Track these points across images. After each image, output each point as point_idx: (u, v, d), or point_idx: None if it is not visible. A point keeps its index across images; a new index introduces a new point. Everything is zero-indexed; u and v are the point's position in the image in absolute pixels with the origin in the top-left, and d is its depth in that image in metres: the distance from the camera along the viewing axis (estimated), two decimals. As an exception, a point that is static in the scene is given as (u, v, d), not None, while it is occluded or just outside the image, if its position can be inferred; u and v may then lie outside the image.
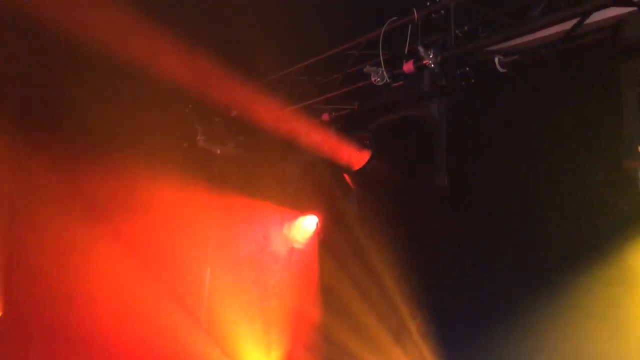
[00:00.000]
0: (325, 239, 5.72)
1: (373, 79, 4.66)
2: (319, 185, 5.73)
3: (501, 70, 4.18)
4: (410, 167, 4.19)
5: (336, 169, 5.65)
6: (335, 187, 5.71)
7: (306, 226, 5.84)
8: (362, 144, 4.23)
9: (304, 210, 5.88)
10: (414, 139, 4.27)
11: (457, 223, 4.42)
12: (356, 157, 4.22)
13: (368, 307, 4.86)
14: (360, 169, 4.08)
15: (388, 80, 4.47)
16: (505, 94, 4.42)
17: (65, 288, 5.52)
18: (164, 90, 6.11)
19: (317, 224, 5.84)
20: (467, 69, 4.33)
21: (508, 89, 4.36)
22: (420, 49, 4.28)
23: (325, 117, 5.90)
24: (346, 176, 4.24)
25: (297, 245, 5.84)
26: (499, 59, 4.22)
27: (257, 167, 6.72)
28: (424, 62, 4.29)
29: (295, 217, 5.87)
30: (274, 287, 5.82)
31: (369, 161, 4.01)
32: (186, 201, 6.49)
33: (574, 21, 3.42)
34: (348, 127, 4.74)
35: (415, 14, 4.17)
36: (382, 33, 4.27)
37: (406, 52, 4.54)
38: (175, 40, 4.98)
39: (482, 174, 4.36)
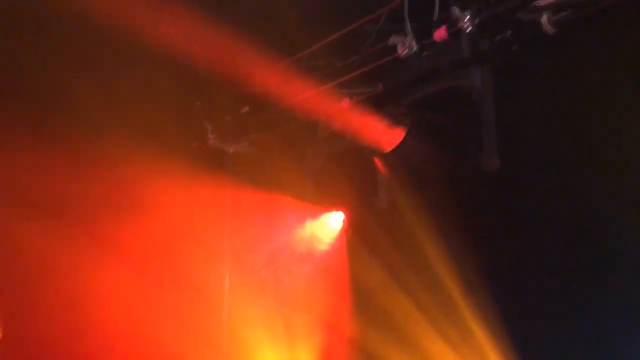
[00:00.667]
0: (354, 237, 5.06)
1: (400, 51, 4.10)
2: (343, 178, 5.10)
3: (550, 30, 3.58)
4: (453, 147, 3.55)
5: (363, 155, 5.07)
6: (362, 178, 5.09)
7: (331, 224, 5.19)
8: (395, 121, 3.59)
9: (327, 206, 5.24)
10: (456, 113, 3.64)
11: (513, 213, 3.74)
12: (388, 136, 3.58)
13: (415, 314, 4.18)
14: (393, 150, 3.43)
15: (417, 50, 3.89)
16: (558, 57, 3.78)
17: (62, 312, 4.87)
18: (170, 84, 5.66)
19: (343, 221, 5.19)
20: (510, 31, 3.74)
21: (561, 52, 3.73)
22: (455, 10, 3.68)
23: (346, 103, 5.33)
24: (376, 161, 3.57)
25: (322, 246, 5.17)
26: (547, 17, 3.62)
27: (273, 165, 6.17)
28: (459, 25, 3.71)
29: (319, 215, 5.22)
30: (299, 295, 5.15)
31: (403, 140, 3.36)
32: (197, 204, 5.92)
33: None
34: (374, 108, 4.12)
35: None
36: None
37: (436, 17, 4.00)
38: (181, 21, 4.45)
39: (540, 154, 3.71)
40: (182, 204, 5.80)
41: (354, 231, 5.05)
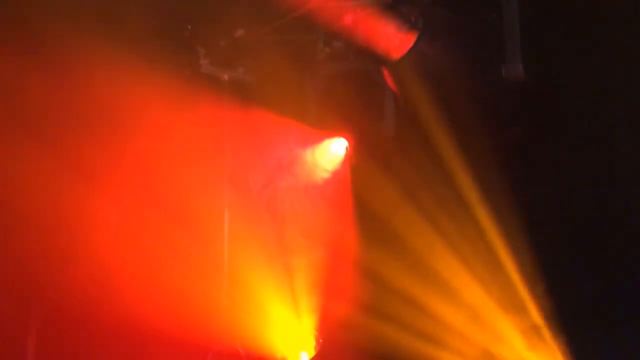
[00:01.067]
0: (358, 166, 4.68)
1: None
2: (346, 101, 4.66)
3: None
4: (471, 54, 3.08)
5: (368, 76, 4.61)
6: (367, 102, 4.66)
7: (334, 151, 4.81)
8: (406, 23, 3.11)
9: (329, 132, 4.83)
10: (475, 15, 3.15)
11: (542, 128, 3.29)
12: (397, 41, 3.11)
13: (427, 238, 3.80)
14: (404, 56, 2.96)
15: None
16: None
17: (45, 243, 4.48)
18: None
19: (346, 149, 4.79)
20: None
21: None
22: None
23: (349, 19, 4.82)
24: (385, 72, 3.11)
25: (323, 174, 4.81)
26: None
27: (272, 92, 5.73)
28: None
29: (320, 140, 4.82)
30: (300, 221, 4.83)
31: (415, 45, 2.90)
32: (194, 128, 5.47)
33: None
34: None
35: None
36: None
37: None
38: None
39: (571, 63, 3.23)
40: (178, 129, 5.38)
41: (358, 160, 4.66)
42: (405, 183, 4.09)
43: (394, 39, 3.07)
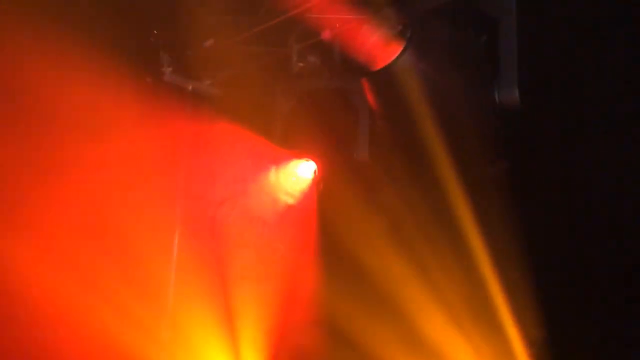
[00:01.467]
0: (325, 193, 4.22)
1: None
2: (318, 122, 4.25)
3: None
4: (462, 72, 2.71)
5: (343, 95, 4.22)
6: (340, 124, 4.26)
7: (300, 174, 4.34)
8: (393, 31, 2.72)
9: (297, 153, 4.37)
10: (470, 29, 2.80)
11: (536, 160, 2.93)
12: (380, 50, 2.72)
13: (398, 287, 3.34)
14: (386, 67, 2.56)
15: None
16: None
17: None
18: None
19: (314, 172, 4.33)
20: None
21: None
22: None
23: (327, 34, 4.45)
24: (364, 84, 2.71)
25: (287, 200, 4.33)
26: None
27: (238, 107, 5.30)
28: None
29: (286, 162, 4.35)
30: (256, 261, 4.29)
31: (400, 54, 2.50)
32: (147, 150, 4.96)
33: None
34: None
35: None
36: None
37: None
38: None
39: (574, 86, 2.89)
40: (128, 143, 4.85)
41: (327, 186, 4.21)
42: (380, 215, 3.66)
43: (377, 48, 2.69)
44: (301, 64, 4.77)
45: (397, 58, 2.48)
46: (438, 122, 2.62)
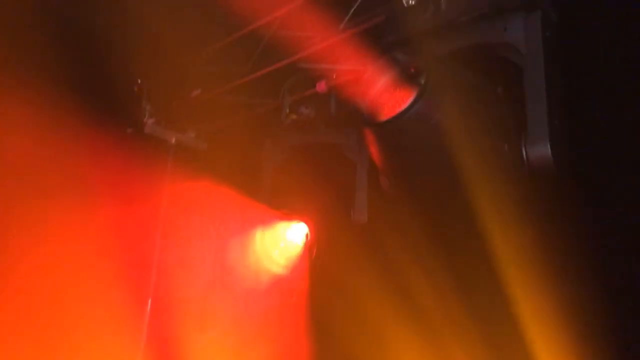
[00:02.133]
0: (319, 259, 3.71)
1: (404, 1, 2.94)
2: (311, 178, 3.81)
3: None
4: (484, 125, 2.31)
5: (338, 150, 3.82)
6: (336, 182, 3.83)
7: (291, 239, 3.82)
8: (403, 76, 2.32)
9: (287, 215, 3.89)
10: (495, 77, 2.43)
11: (572, 230, 2.48)
12: (388, 98, 2.31)
13: None
14: (395, 117, 2.12)
15: None
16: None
17: None
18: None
19: (307, 236, 3.83)
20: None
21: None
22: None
23: (322, 86, 4.10)
24: (367, 133, 2.27)
25: (276, 268, 3.79)
26: None
27: (224, 162, 4.88)
28: None
29: (275, 225, 3.84)
30: (242, 336, 3.69)
31: (412, 104, 2.08)
32: (124, 212, 4.51)
33: None
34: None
35: None
36: None
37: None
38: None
39: (610, 143, 2.50)
40: (101, 213, 4.40)
41: (320, 251, 3.70)
42: (380, 286, 3.16)
43: (385, 95, 2.29)
44: (294, 117, 4.40)
45: (410, 106, 2.08)
46: (457, 180, 2.19)
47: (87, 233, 4.38)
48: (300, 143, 4.20)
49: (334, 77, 4.13)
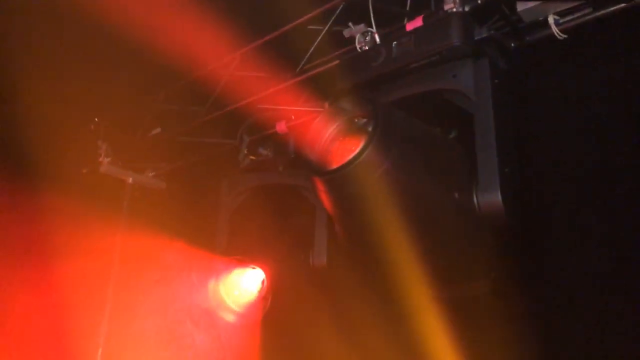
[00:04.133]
0: (275, 307, 3.58)
1: (358, 46, 2.97)
2: (268, 221, 3.72)
3: (559, 36, 2.57)
4: (435, 169, 2.27)
5: (296, 191, 3.75)
6: (294, 225, 3.74)
7: (245, 286, 3.68)
8: (353, 124, 2.28)
9: (243, 260, 3.76)
10: (442, 123, 2.42)
11: (524, 277, 2.44)
12: (338, 146, 2.26)
13: None
14: (342, 166, 2.06)
15: (380, 43, 2.79)
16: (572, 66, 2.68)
17: None
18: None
19: (262, 282, 3.70)
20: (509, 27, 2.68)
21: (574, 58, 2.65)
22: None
23: (282, 126, 4.06)
24: (316, 183, 2.22)
25: (228, 318, 3.63)
26: (555, 20, 2.61)
27: (182, 203, 4.77)
28: (447, 7, 2.65)
29: (229, 271, 3.71)
30: None
31: (362, 151, 2.03)
32: (78, 262, 4.37)
33: None
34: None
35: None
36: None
37: (408, 8, 2.96)
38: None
39: (563, 189, 2.50)
40: (55, 258, 4.28)
41: (276, 298, 3.57)
42: (341, 335, 3.05)
43: (333, 143, 2.24)
44: (252, 157, 4.33)
45: (358, 155, 2.04)
46: (407, 231, 2.14)
47: (40, 286, 4.23)
48: (259, 184, 4.12)
49: (293, 117, 4.12)
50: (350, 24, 3.04)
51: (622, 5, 2.45)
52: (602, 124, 2.59)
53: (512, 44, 2.69)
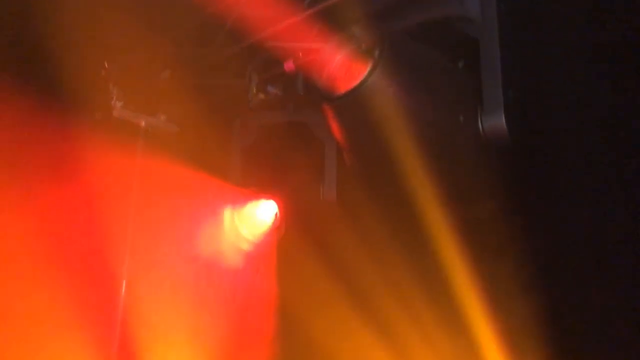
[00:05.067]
0: (288, 237, 3.73)
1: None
2: (280, 157, 3.82)
3: None
4: (441, 96, 2.33)
5: (307, 128, 3.82)
6: (305, 160, 3.84)
7: (260, 216, 3.84)
8: (359, 50, 2.33)
9: (257, 193, 3.90)
10: (449, 51, 2.45)
11: (528, 202, 2.53)
12: (345, 71, 2.32)
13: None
14: (350, 90, 2.13)
15: None
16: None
17: None
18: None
19: (276, 214, 3.85)
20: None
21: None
22: None
23: (289, 65, 4.08)
24: (326, 109, 2.28)
25: (244, 246, 3.81)
26: None
27: (196, 144, 4.86)
28: None
29: (244, 203, 3.85)
30: (208, 315, 3.73)
31: (368, 75, 2.09)
32: (92, 194, 4.48)
33: None
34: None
35: None
36: None
37: None
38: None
39: (566, 115, 2.54)
40: (73, 196, 4.38)
41: (289, 229, 3.73)
42: (350, 265, 3.19)
43: (340, 69, 2.29)
44: (261, 96, 4.37)
45: (364, 80, 2.09)
46: (414, 155, 2.21)
47: (58, 219, 4.37)
48: (269, 122, 4.19)
49: (301, 55, 4.13)
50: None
51: None
52: (616, 50, 2.59)
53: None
